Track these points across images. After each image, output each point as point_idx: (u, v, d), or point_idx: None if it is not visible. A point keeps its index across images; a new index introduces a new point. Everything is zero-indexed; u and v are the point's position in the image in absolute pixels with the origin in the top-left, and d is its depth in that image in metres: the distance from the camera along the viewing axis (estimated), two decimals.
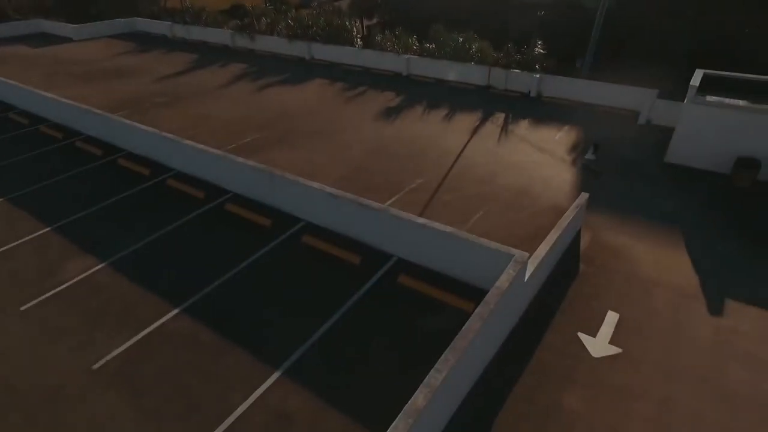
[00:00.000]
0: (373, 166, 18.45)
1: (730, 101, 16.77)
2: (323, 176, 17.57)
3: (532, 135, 21.07)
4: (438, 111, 24.16)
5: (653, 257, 12.84)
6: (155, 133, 16.98)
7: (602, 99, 24.20)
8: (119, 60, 34.99)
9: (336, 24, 33.58)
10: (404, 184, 17.02)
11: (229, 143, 20.61)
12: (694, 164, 17.73)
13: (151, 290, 11.89)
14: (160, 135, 16.66)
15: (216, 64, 33.38)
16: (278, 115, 23.72)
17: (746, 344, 10.02)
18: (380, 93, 27.03)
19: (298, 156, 19.35)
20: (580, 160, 18.59)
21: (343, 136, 21.18)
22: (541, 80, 25.62)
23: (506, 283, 8.56)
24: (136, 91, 27.70)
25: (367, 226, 12.42)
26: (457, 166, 18.36)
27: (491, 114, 23.62)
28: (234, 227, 14.45)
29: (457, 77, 28.39)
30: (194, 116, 23.78)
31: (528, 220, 14.76)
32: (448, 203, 15.77)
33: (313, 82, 29.13)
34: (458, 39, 29.38)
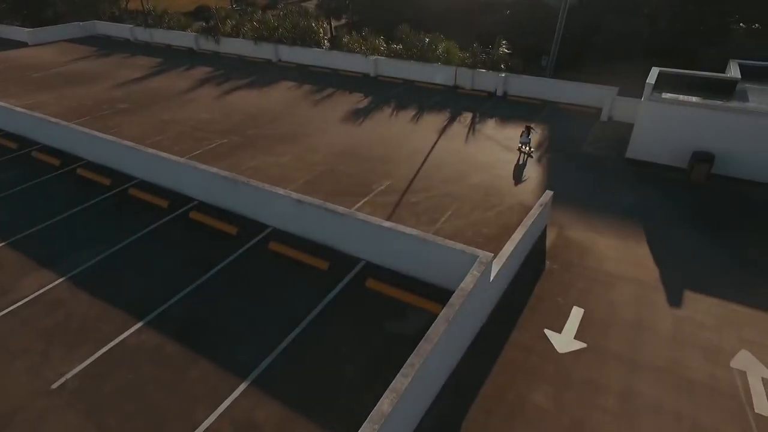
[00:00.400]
0: (341, 168, 18.36)
1: (684, 98, 17.37)
2: (290, 180, 17.41)
3: (498, 134, 21.36)
4: (406, 112, 24.23)
5: (616, 252, 13.18)
6: (115, 141, 16.44)
7: (566, 97, 24.73)
8: (78, 65, 33.84)
9: (303, 26, 33.30)
10: (373, 186, 16.99)
11: (194, 149, 20.19)
12: (654, 159, 18.29)
13: (112, 304, 11.52)
14: (121, 144, 16.14)
15: (180, 68, 32.65)
16: (244, 120, 23.37)
17: (704, 333, 10.38)
18: (348, 95, 26.95)
19: (265, 161, 19.09)
20: (521, 143, 19.35)
21: (311, 140, 21.02)
22: (507, 79, 26.01)
23: (471, 285, 8.64)
24: (96, 98, 26.84)
25: (335, 231, 12.35)
26: (426, 167, 18.45)
27: (459, 113, 23.84)
28: (199, 236, 14.13)
29: (424, 78, 28.54)
30: (158, 122, 23.19)
31: (495, 219, 14.94)
32: (417, 204, 15.83)
33: (280, 84, 28.81)
34: (425, 40, 29.55)
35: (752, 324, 10.57)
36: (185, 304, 11.44)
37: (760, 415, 8.65)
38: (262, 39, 34.10)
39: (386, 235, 11.01)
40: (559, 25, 32.93)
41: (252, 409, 8.82)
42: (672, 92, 18.07)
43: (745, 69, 19.88)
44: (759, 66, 20.40)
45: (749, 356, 9.77)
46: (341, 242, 12.47)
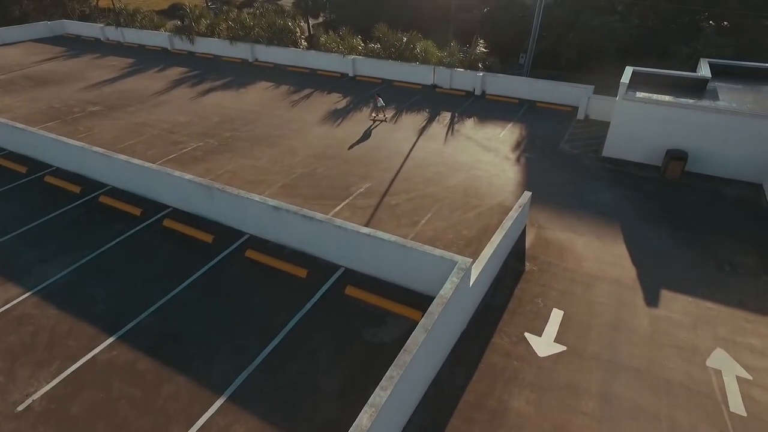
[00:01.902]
0: (319, 171, 18.12)
1: (657, 97, 17.60)
2: (268, 184, 17.11)
3: (477, 133, 21.37)
4: (385, 112, 24.04)
5: (594, 252, 13.28)
6: (85, 147, 15.88)
7: (543, 96, 24.88)
8: (46, 66, 32.74)
9: (279, 25, 32.81)
10: (352, 189, 16.81)
11: (169, 153, 19.70)
12: (629, 157, 18.52)
13: (82, 319, 11.12)
14: (91, 150, 15.59)
15: (153, 69, 31.86)
16: (221, 122, 22.90)
17: (680, 332, 10.51)
18: (326, 95, 26.66)
19: (242, 164, 18.73)
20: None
21: (289, 142, 20.71)
22: (485, 79, 26.05)
23: (450, 292, 8.55)
24: (66, 100, 25.98)
25: (313, 238, 12.14)
26: (406, 168, 18.33)
27: (438, 113, 23.78)
28: (174, 244, 13.76)
29: (403, 77, 28.40)
30: (131, 125, 22.56)
31: (475, 220, 14.91)
32: (397, 206, 15.70)
33: (256, 85, 28.34)
34: (402, 39, 29.40)
35: (726, 322, 10.74)
36: (159, 317, 11.10)
37: (735, 414, 8.78)
38: (238, 39, 33.49)
39: (365, 242, 10.85)
40: (536, 23, 33.19)
41: (228, 427, 8.59)
42: (646, 91, 18.29)
43: (715, 68, 20.26)
44: (728, 65, 20.82)
45: (724, 355, 9.92)
46: (320, 249, 12.28)
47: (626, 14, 41.95)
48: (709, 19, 39.09)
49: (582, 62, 36.34)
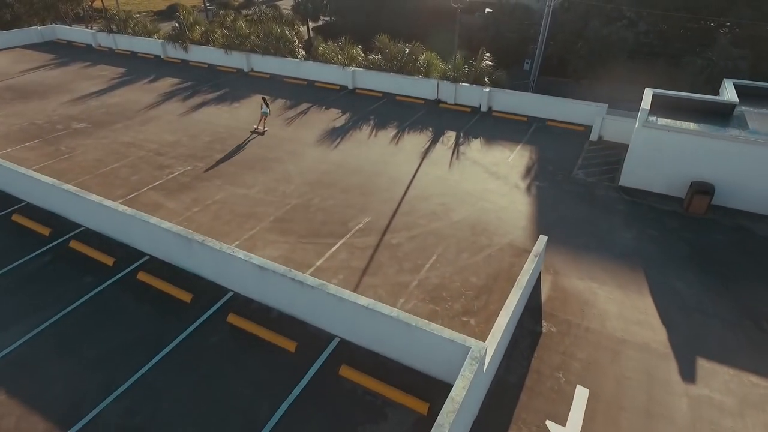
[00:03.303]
0: (315, 202, 16.81)
1: (682, 125, 16.28)
2: (259, 218, 15.80)
3: (484, 157, 20.03)
4: (386, 130, 22.74)
5: (618, 306, 11.97)
6: (55, 185, 14.41)
7: (553, 113, 23.55)
8: (33, 76, 31.39)
9: (276, 33, 31.44)
10: (350, 224, 15.50)
11: (155, 179, 18.38)
12: (649, 188, 17.21)
13: (33, 408, 9.52)
14: (61, 188, 14.16)
15: (145, 79, 30.51)
16: (211, 142, 21.57)
17: (725, 420, 9.19)
18: (324, 110, 25.32)
19: (233, 193, 17.41)
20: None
21: (283, 166, 19.38)
22: (491, 94, 24.71)
23: (462, 394, 7.24)
24: (50, 115, 24.65)
25: (304, 303, 10.73)
26: (408, 199, 17.02)
27: (442, 133, 22.45)
28: (148, 304, 12.14)
29: (405, 91, 27.07)
30: (117, 146, 21.24)
31: (484, 264, 13.60)
32: (399, 247, 14.40)
33: (252, 99, 26.98)
34: (404, 50, 28.06)
35: None
36: (123, 405, 9.49)
37: None
38: (233, 48, 32.13)
39: (363, 314, 9.50)
40: (543, 29, 31.85)
41: None
42: (667, 116, 16.98)
43: (741, 89, 18.91)
44: (755, 87, 19.49)
45: None
46: (311, 316, 10.85)
47: (635, 21, 40.61)
48: (720, 26, 37.77)
49: (590, 71, 34.97)
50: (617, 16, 39.78)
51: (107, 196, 17.07)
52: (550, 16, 32.55)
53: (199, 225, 15.53)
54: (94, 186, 17.94)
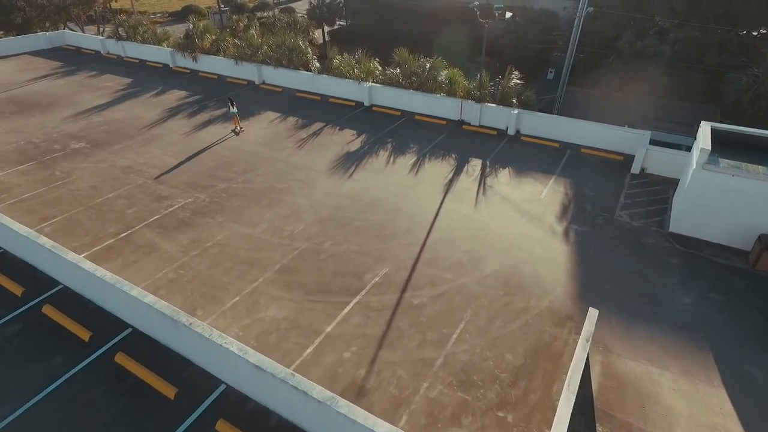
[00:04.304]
0: (326, 246, 15.03)
1: (749, 168, 14.17)
2: (262, 266, 14.07)
3: (514, 192, 18.06)
4: (405, 156, 20.88)
5: (686, 402, 9.99)
6: (30, 237, 12.63)
7: (588, 139, 21.46)
8: (37, 86, 30.14)
9: (290, 44, 29.74)
10: (366, 277, 13.69)
11: (152, 213, 16.78)
12: (706, 237, 15.11)
13: None
14: (37, 242, 12.40)
15: (151, 92, 29.04)
16: (216, 167, 19.93)
17: None
18: (338, 131, 23.54)
19: (235, 232, 15.72)
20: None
21: (292, 199, 17.65)
22: (520, 117, 22.68)
23: None
24: (48, 133, 23.26)
25: (309, 415, 8.88)
26: (431, 243, 15.15)
27: (466, 160, 20.51)
28: (124, 398, 10.31)
29: (425, 110, 25.16)
30: (115, 170, 19.71)
31: (521, 335, 11.69)
32: (422, 309, 12.55)
33: (261, 116, 25.33)
34: (425, 65, 26.15)
35: None
36: None
37: None
38: (244, 58, 30.51)
39: None
40: (573, 39, 29.64)
41: None
42: (729, 156, 14.86)
43: None
44: None
45: None
46: (317, 428, 8.99)
47: (666, 29, 38.12)
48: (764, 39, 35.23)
49: (623, 85, 32.66)
50: (649, 26, 37.39)
51: (99, 234, 15.62)
52: (580, 27, 30.30)
53: (195, 274, 13.86)
54: (86, 221, 16.41)
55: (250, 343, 11.43)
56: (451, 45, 47.37)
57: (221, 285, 13.46)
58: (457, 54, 44.64)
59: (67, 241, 15.34)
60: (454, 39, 48.81)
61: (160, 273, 13.96)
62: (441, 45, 47.92)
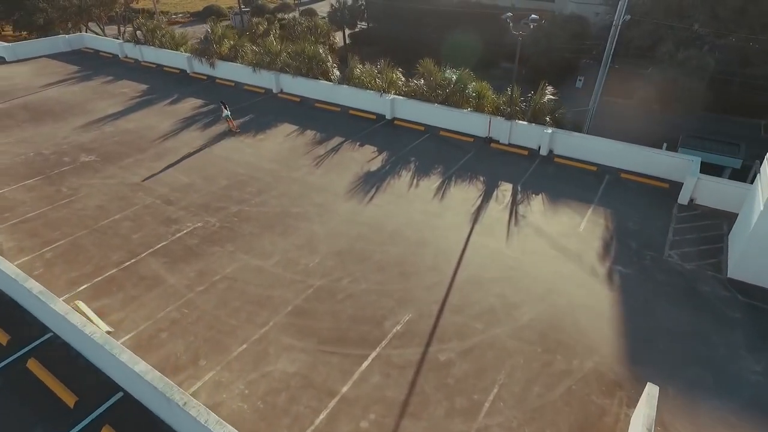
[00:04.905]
0: (343, 284, 13.72)
1: None
2: (273, 307, 12.83)
3: (549, 224, 16.49)
4: (429, 178, 19.46)
5: None
6: (18, 280, 11.42)
7: (628, 162, 19.73)
8: (52, 92, 29.52)
9: (309, 52, 28.52)
10: (386, 324, 12.34)
11: (157, 239, 15.71)
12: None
13: None
14: (24, 286, 11.21)
15: (166, 100, 28.15)
16: (228, 187, 18.79)
17: None
18: (358, 147, 22.22)
19: (245, 265, 14.52)
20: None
21: (308, 225, 16.39)
22: (554, 137, 21.03)
23: None
24: (59, 144, 22.46)
25: None
26: (458, 284, 13.72)
27: (495, 184, 18.99)
28: None
29: (451, 125, 23.67)
30: (124, 188, 18.74)
31: (564, 407, 10.20)
32: (449, 367, 11.15)
33: (278, 129, 24.17)
34: (452, 77, 24.65)
35: None
36: None
37: None
38: (262, 66, 29.41)
39: None
40: (609, 48, 27.78)
41: None
42: None
43: None
44: None
45: None
46: None
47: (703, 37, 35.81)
48: None
49: (662, 97, 30.63)
50: (688, 35, 35.15)
51: (101, 262, 14.59)
52: (616, 35, 28.44)
53: (200, 314, 12.69)
54: (89, 246, 15.42)
55: (256, 405, 10.20)
56: (474, 49, 45.74)
57: (228, 328, 12.26)
58: (480, 59, 43.04)
59: (67, 269, 14.40)
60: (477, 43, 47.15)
61: (163, 312, 12.83)
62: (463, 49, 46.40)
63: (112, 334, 12.07)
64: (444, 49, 47.37)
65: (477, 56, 44.17)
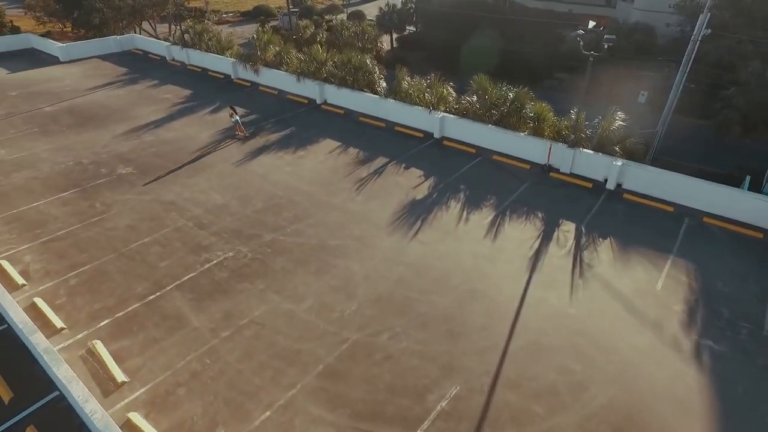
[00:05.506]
0: (382, 340, 12.15)
1: None
2: (302, 365, 11.44)
3: (620, 278, 14.33)
4: (480, 211, 17.61)
5: None
6: (26, 332, 10.29)
7: (713, 206, 17.20)
8: (98, 96, 29.48)
9: (356, 62, 27.11)
10: (429, 399, 10.68)
11: (185, 270, 14.66)
12: None
13: None
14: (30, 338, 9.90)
15: (208, 108, 27.48)
16: (264, 211, 17.62)
17: None
18: (404, 170, 20.59)
19: (275, 307, 13.21)
20: None
21: (346, 263, 14.92)
22: (624, 169, 18.68)
23: None
24: (98, 153, 22.03)
25: None
26: (514, 352, 11.88)
27: (556, 223, 16.92)
28: None
29: (506, 149, 21.67)
30: (156, 207, 17.91)
31: None
32: None
33: (319, 145, 22.88)
34: (508, 94, 22.61)
35: None
36: None
37: None
38: (307, 75, 28.26)
39: None
40: (685, 63, 24.90)
41: None
42: None
43: None
44: None
45: None
46: None
47: None
48: None
49: (748, 123, 27.29)
50: None
51: (125, 294, 13.70)
52: (695, 51, 25.61)
53: (223, 367, 11.44)
54: (115, 273, 14.54)
55: None
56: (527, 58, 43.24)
57: (251, 389, 10.94)
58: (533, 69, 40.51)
59: (90, 300, 13.54)
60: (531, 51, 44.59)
61: (183, 361, 11.67)
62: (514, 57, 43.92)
63: (128, 384, 11.03)
64: (494, 56, 45.13)
65: (530, 66, 41.68)
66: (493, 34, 48.54)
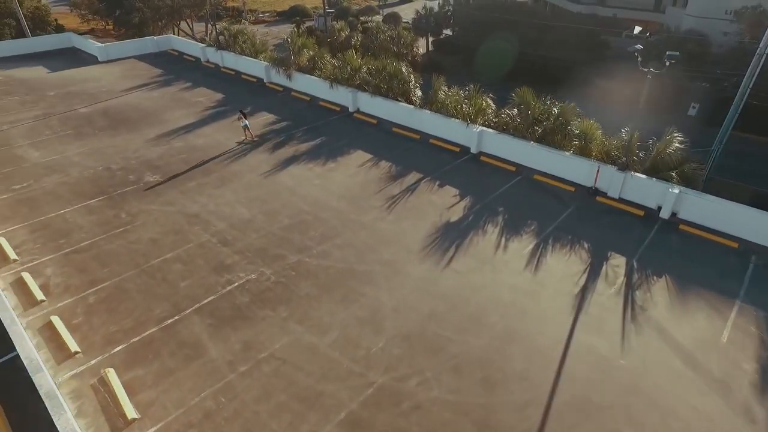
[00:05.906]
0: (410, 387, 11.10)
1: None
2: (323, 411, 10.51)
3: (679, 325, 12.83)
4: (521, 238, 16.34)
5: None
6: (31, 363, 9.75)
7: None
8: (132, 97, 29.51)
9: (391, 70, 26.13)
10: None
11: (206, 292, 13.98)
12: None
13: None
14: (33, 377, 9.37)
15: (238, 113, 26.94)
16: (290, 228, 16.83)
17: None
18: (438, 188, 19.47)
19: (297, 340, 12.35)
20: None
21: (374, 292, 13.94)
22: (681, 198, 17.03)
23: None
24: (128, 159, 21.79)
25: None
26: (557, 410, 10.63)
27: (604, 256, 15.48)
28: None
29: (548, 169, 20.24)
30: (180, 219, 17.37)
31: None
32: None
33: (351, 156, 22.00)
34: (552, 109, 21.18)
35: None
36: None
37: None
38: (340, 81, 27.46)
39: None
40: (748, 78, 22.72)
41: None
42: None
43: None
44: None
45: None
46: None
47: None
48: None
49: None
50: None
51: (143, 316, 13.17)
52: (760, 65, 23.41)
53: (238, 407, 10.62)
54: (134, 292, 14.00)
55: None
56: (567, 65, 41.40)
57: None
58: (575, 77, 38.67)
59: (107, 321, 13.00)
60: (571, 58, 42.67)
61: (197, 397, 10.91)
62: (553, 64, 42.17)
63: (138, 422, 10.34)
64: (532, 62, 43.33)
65: (570, 73, 39.82)
66: (531, 40, 46.80)
